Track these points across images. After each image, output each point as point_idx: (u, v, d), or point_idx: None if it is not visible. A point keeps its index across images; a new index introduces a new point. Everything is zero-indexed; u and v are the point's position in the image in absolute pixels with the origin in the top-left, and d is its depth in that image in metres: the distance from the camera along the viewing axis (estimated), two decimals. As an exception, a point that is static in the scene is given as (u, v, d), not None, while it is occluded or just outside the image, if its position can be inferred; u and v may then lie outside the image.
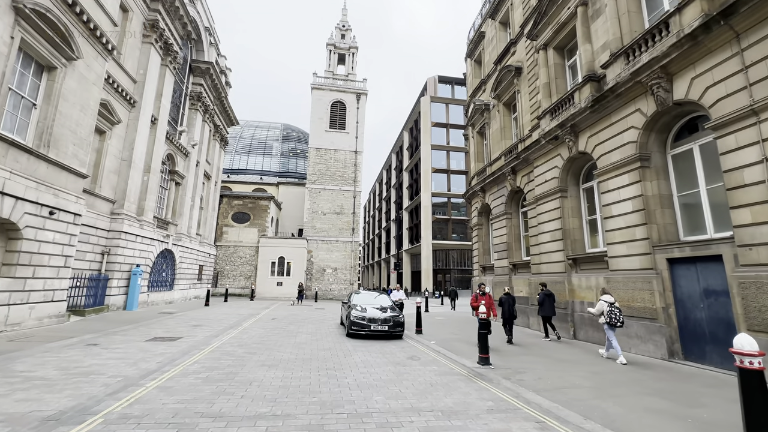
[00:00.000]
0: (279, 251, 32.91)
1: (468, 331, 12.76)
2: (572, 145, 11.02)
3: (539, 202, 12.70)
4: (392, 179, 66.89)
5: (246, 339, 9.72)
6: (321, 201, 36.74)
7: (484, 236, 18.42)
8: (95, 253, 14.65)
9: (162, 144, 19.37)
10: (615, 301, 7.94)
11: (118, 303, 15.70)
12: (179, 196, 22.98)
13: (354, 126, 38.90)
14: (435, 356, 8.32)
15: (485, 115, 18.01)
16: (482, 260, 18.14)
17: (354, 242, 36.71)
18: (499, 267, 15.85)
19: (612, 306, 7.66)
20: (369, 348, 9.07)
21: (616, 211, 9.26)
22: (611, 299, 7.86)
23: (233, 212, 34.11)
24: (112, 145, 15.55)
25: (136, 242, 16.87)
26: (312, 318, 16.15)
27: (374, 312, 10.95)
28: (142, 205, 17.85)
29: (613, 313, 7.58)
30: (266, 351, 8.17)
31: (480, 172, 18.46)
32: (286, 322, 14.27)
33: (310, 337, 10.51)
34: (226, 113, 31.09)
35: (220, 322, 13.40)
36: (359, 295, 12.94)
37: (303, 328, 12.42)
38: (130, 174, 16.37)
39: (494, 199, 16.63)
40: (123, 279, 15.98)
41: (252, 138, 53.13)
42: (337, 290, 35.34)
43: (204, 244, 27.86)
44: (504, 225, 15.61)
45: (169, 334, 10.07)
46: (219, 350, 8.04)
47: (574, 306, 10.82)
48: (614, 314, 7.57)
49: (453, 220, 49.69)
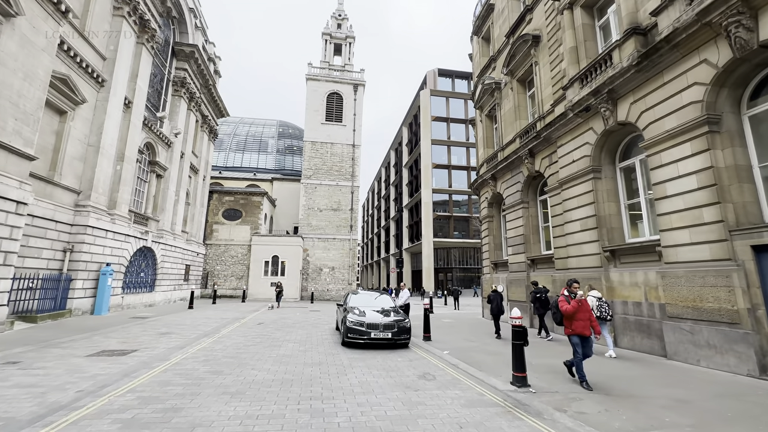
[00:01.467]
0: (273, 250, 31.08)
1: (483, 336, 10.97)
2: (609, 116, 9.25)
3: (565, 186, 10.93)
4: (391, 176, 65.09)
5: (218, 351, 7.91)
6: (317, 197, 34.92)
7: (496, 229, 16.64)
8: (55, 250, 12.79)
9: (138, 130, 17.52)
10: (602, 296, 8.37)
11: (84, 307, 13.84)
12: (161, 190, 21.12)
13: (351, 118, 37.09)
14: (453, 373, 6.52)
15: (495, 95, 16.23)
16: (494, 256, 16.35)
17: (352, 240, 34.91)
18: (515, 263, 14.07)
19: (600, 300, 7.98)
20: (369, 361, 7.27)
21: (674, 189, 7.49)
22: (598, 294, 8.23)
23: (224, 209, 32.25)
24: (75, 128, 13.70)
25: (106, 238, 15.01)
26: (304, 322, 14.34)
27: (375, 316, 9.15)
28: (114, 198, 15.99)
29: (602, 308, 7.88)
30: (237, 369, 6.35)
31: (490, 159, 16.68)
32: (274, 327, 12.46)
33: (298, 347, 8.70)
34: (215, 103, 29.24)
35: (196, 328, 11.58)
36: (357, 296, 11.14)
37: (291, 335, 10.61)
38: (99, 161, 14.51)
39: (508, 187, 14.86)
40: (90, 280, 14.12)
41: (247, 135, 51.26)
42: (334, 290, 33.52)
43: (191, 242, 26.00)
44: (520, 215, 13.83)
45: (123, 345, 8.24)
46: (175, 369, 6.22)
47: (614, 307, 9.05)
48: (603, 308, 7.87)
49: (455, 217, 47.95)
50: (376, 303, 10.72)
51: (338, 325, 11.10)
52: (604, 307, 7.91)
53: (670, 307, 7.44)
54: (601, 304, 7.95)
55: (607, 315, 7.86)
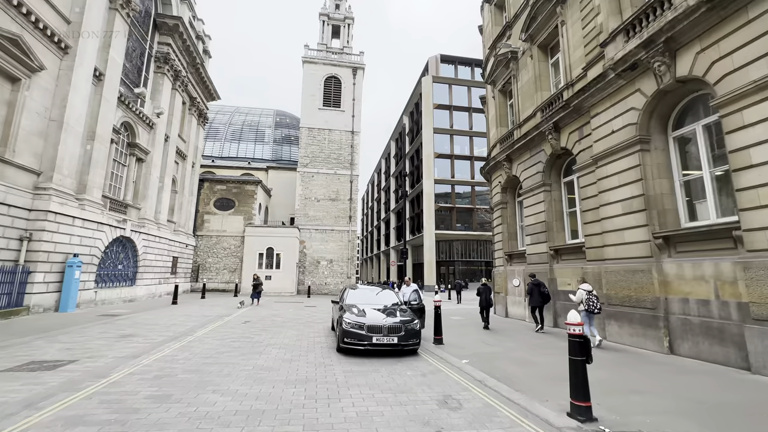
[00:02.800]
0: (267, 241, 29.40)
1: (502, 338, 9.37)
2: (664, 72, 7.53)
3: (602, 162, 9.24)
4: (391, 168, 63.28)
5: (179, 362, 6.27)
6: (314, 186, 33.16)
7: (510, 217, 14.97)
8: (7, 239, 11.11)
9: (112, 107, 15.72)
10: (593, 289, 8.40)
11: (47, 303, 12.21)
12: (142, 175, 19.38)
13: (350, 104, 35.18)
14: (483, 395, 4.91)
15: (511, 67, 14.45)
16: (508, 247, 14.71)
17: (351, 231, 33.24)
18: (534, 254, 12.44)
19: (590, 294, 8.12)
20: (371, 376, 5.66)
21: (764, 155, 5.81)
22: (589, 287, 8.30)
23: (216, 198, 30.50)
24: (32, 99, 11.93)
25: (73, 226, 13.33)
26: (296, 320, 12.73)
27: (376, 316, 7.52)
28: (84, 181, 14.27)
29: (591, 301, 8.01)
30: (192, 392, 4.72)
31: (504, 139, 14.95)
32: (261, 326, 10.84)
33: (283, 354, 7.08)
34: (204, 85, 27.36)
35: (168, 328, 9.95)
36: (356, 292, 9.50)
37: (278, 337, 8.98)
38: (62, 138, 12.76)
39: (526, 168, 13.16)
40: (54, 272, 12.47)
41: (243, 124, 49.39)
42: (332, 284, 31.95)
43: (179, 232, 24.35)
44: (540, 200, 12.16)
45: (64, 354, 6.60)
46: (106, 393, 4.59)
47: (669, 306, 7.42)
48: (592, 302, 8.00)
49: (457, 208, 46.31)
50: (377, 300, 9.08)
51: (334, 325, 9.50)
52: (593, 301, 8.04)
53: (757, 307, 5.81)
54: (590, 298, 8.08)
55: (595, 308, 7.98)
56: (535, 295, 10.33)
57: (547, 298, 10.33)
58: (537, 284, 10.39)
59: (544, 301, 10.30)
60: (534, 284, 10.41)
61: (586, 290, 8.20)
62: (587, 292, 8.15)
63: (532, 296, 10.40)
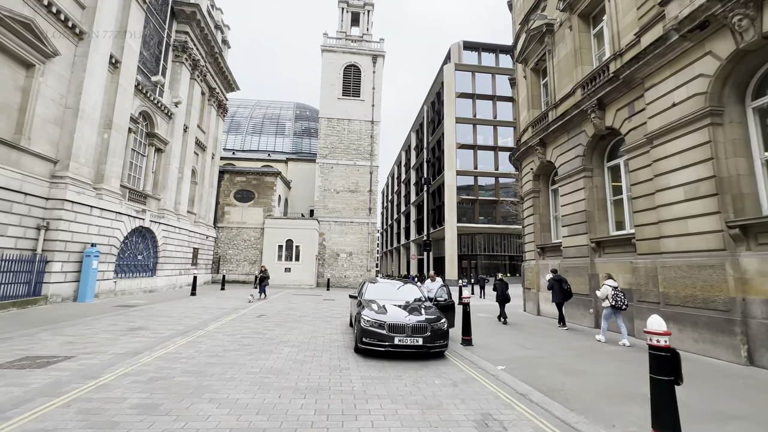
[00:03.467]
0: (287, 233, 29.13)
1: (538, 339, 8.38)
2: (747, 27, 6.23)
3: (659, 140, 8.00)
4: (412, 160, 62.03)
5: (181, 361, 5.69)
6: (333, 177, 32.58)
7: (543, 207, 13.76)
8: (25, 227, 10.99)
9: (129, 95, 15.49)
10: (618, 285, 8.18)
11: (65, 293, 12.11)
12: (162, 166, 19.27)
13: (370, 92, 34.24)
14: (530, 414, 4.02)
15: (546, 41, 13.13)
16: (541, 239, 13.53)
17: (371, 224, 32.54)
18: (572, 247, 11.27)
19: (616, 290, 7.92)
20: (393, 385, 4.87)
21: None
22: (615, 283, 8.10)
23: (236, 190, 30.46)
24: (47, 86, 11.71)
25: (91, 215, 13.18)
26: (314, 314, 12.12)
27: (398, 313, 6.72)
28: (101, 170, 14.11)
29: (618, 297, 7.85)
30: (186, 400, 4.06)
31: (537, 122, 13.69)
32: (275, 321, 10.27)
33: (296, 354, 6.40)
34: (223, 75, 27.12)
35: (179, 321, 9.52)
36: (375, 286, 8.72)
37: (292, 334, 8.34)
38: (78, 126, 12.55)
39: (562, 153, 11.93)
40: (71, 262, 12.35)
41: (263, 117, 49.55)
42: (352, 277, 31.44)
43: (199, 224, 24.34)
44: (580, 187, 10.95)
45: (63, 349, 6.16)
46: (87, 400, 3.99)
47: (748, 308, 6.23)
48: (619, 298, 7.85)
49: (480, 200, 44.77)
50: (399, 295, 8.28)
51: (352, 321, 8.80)
52: (620, 297, 7.88)
53: None
54: (617, 294, 7.91)
55: (622, 304, 7.83)
56: (556, 291, 9.98)
57: (568, 294, 9.96)
58: (558, 280, 10.04)
59: (565, 298, 9.97)
60: (555, 280, 10.07)
61: (612, 286, 8.01)
62: (613, 288, 7.97)
63: (554, 292, 10.05)
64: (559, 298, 9.99)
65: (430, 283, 9.77)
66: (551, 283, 10.17)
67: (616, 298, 7.86)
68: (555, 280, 10.11)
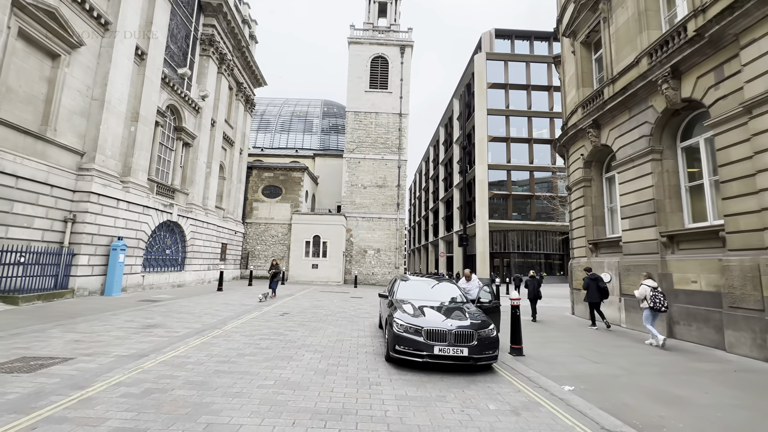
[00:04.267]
0: (314, 229, 28.70)
1: (598, 347, 7.03)
2: None
3: (761, 109, 6.41)
4: (440, 155, 60.31)
5: (187, 368, 4.94)
6: (361, 172, 31.81)
7: (595, 197, 12.17)
8: (52, 220, 10.87)
9: (156, 88, 15.32)
10: (657, 285, 7.79)
11: (92, 286, 11.98)
12: (190, 160, 19.18)
13: (398, 84, 33.14)
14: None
15: (600, 9, 11.52)
16: (593, 233, 11.98)
17: (399, 219, 31.52)
18: (635, 242, 9.72)
19: (655, 291, 7.58)
20: (436, 410, 3.84)
21: None
22: (654, 283, 7.72)
23: (263, 186, 30.40)
24: (73, 77, 11.56)
25: (118, 208, 13.04)
26: (340, 313, 11.28)
27: (437, 317, 5.67)
28: (128, 163, 13.98)
29: (657, 298, 7.48)
30: (178, 424, 3.24)
31: (589, 101, 12.10)
32: (299, 320, 9.50)
33: (317, 362, 5.51)
34: (250, 70, 26.98)
35: (199, 318, 8.95)
36: (408, 284, 7.70)
37: (316, 336, 7.49)
38: (104, 118, 12.38)
39: (622, 134, 10.36)
40: (98, 255, 12.22)
41: (292, 115, 49.78)
42: (380, 274, 30.60)
43: (228, 219, 24.31)
44: (647, 172, 9.37)
45: (69, 348, 5.61)
46: (55, 421, 3.26)
47: None
48: (658, 299, 7.47)
49: (514, 196, 42.62)
50: (435, 295, 7.21)
51: (381, 322, 7.85)
52: (659, 298, 7.51)
53: None
54: (656, 294, 7.54)
55: (661, 306, 7.44)
56: (592, 290, 9.72)
57: (605, 293, 9.70)
58: (594, 278, 9.82)
59: (602, 297, 9.68)
60: (591, 278, 9.86)
61: (651, 286, 7.67)
62: (652, 289, 7.62)
63: (589, 291, 9.79)
64: (595, 297, 9.68)
65: (465, 282, 8.60)
66: (586, 282, 9.90)
67: (655, 300, 7.48)
68: (590, 278, 9.86)
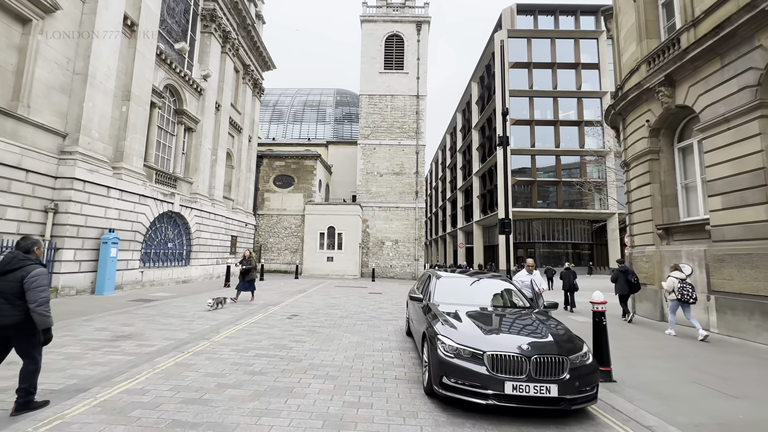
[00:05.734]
0: (328, 220, 27.15)
1: (705, 363, 5.05)
2: None
3: None
4: (458, 143, 57.75)
5: (139, 409, 3.34)
6: (376, 159, 29.96)
7: (666, 172, 9.99)
8: (29, 210, 9.52)
9: (150, 64, 13.80)
10: (687, 276, 7.69)
11: (80, 284, 10.67)
12: (193, 146, 17.76)
13: (414, 64, 30.92)
14: None
15: (675, -64, 9.20)
16: (662, 216, 9.84)
17: (418, 209, 29.62)
18: (732, 225, 7.60)
19: (684, 282, 7.48)
20: None
21: None
22: (682, 275, 7.65)
23: (275, 175, 28.96)
24: (49, 47, 10.08)
25: (108, 197, 11.66)
26: (359, 313, 9.59)
27: (502, 334, 3.86)
28: (120, 147, 12.57)
29: (686, 290, 7.40)
30: None
31: (657, 54, 9.84)
32: (309, 325, 7.84)
33: (327, 400, 3.80)
34: (257, 51, 25.33)
35: (189, 324, 7.40)
36: (448, 282, 5.83)
37: (327, 351, 5.79)
38: (88, 95, 10.92)
39: (709, 89, 8.16)
40: (86, 249, 10.88)
41: (304, 104, 48.34)
42: (398, 267, 28.90)
43: (237, 210, 22.96)
44: (754, 132, 7.20)
45: None
46: None
47: None
48: (687, 291, 7.39)
49: (538, 182, 40.05)
50: (487, 295, 5.37)
51: (410, 327, 6.12)
52: (688, 290, 7.39)
53: None
54: (684, 286, 7.43)
55: (689, 298, 7.34)
56: (621, 282, 9.60)
57: (635, 287, 9.54)
58: (624, 271, 9.66)
59: (631, 290, 9.61)
60: (620, 271, 9.72)
61: (679, 278, 7.60)
62: (680, 280, 7.55)
63: (618, 284, 9.68)
64: (625, 290, 9.58)
65: (525, 275, 6.69)
66: (615, 275, 9.82)
67: (683, 291, 7.40)
68: (620, 271, 9.74)
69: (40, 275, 3.25)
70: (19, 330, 3.19)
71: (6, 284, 3.16)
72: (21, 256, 3.30)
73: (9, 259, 3.25)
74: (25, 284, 3.15)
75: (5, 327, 3.15)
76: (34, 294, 3.14)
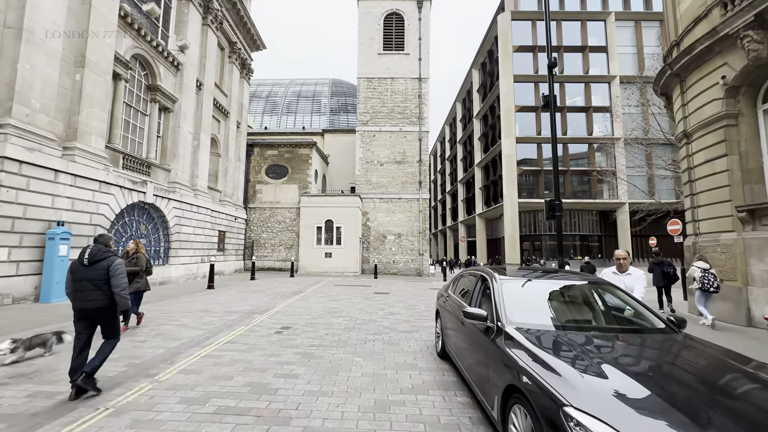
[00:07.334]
0: (326, 213, 25.05)
1: None
2: None
3: None
4: (458, 133, 55.65)
5: None
6: (376, 147, 27.82)
7: (747, 141, 8.02)
8: (-61, 197, 7.37)
9: (111, 26, 11.56)
10: (710, 267, 7.78)
11: (18, 290, 8.53)
12: (171, 128, 15.54)
13: (415, 44, 28.70)
14: None
15: None
16: (743, 196, 7.88)
17: (422, 199, 27.57)
18: None
19: (706, 272, 7.58)
20: None
21: None
22: (706, 265, 7.74)
23: (267, 165, 26.75)
24: (-34, -12, 7.88)
25: (56, 183, 9.50)
26: (368, 323, 7.56)
27: (676, 408, 1.87)
28: (73, 123, 10.37)
29: (706, 279, 7.50)
30: None
31: (737, -7, 7.80)
32: (304, 344, 5.80)
33: None
34: (245, 28, 23.00)
35: (137, 348, 5.34)
36: (520, 289, 3.65)
37: (329, 397, 3.76)
38: (24, 54, 8.72)
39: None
40: (25, 247, 8.73)
41: (299, 95, 46.05)
42: (402, 262, 26.90)
43: (225, 203, 20.80)
44: None
45: None
46: None
47: None
48: (707, 280, 7.49)
49: (546, 171, 38.05)
50: (594, 310, 3.35)
51: (438, 346, 4.12)
52: (709, 279, 7.49)
53: None
54: (706, 276, 7.56)
55: (710, 287, 7.47)
56: (657, 274, 9.54)
57: (672, 278, 9.54)
58: (659, 263, 9.67)
59: (669, 282, 9.54)
60: (656, 263, 9.73)
61: (702, 268, 7.64)
62: (702, 270, 7.60)
63: (654, 276, 9.57)
64: (660, 282, 9.52)
65: (619, 274, 4.50)
66: (651, 266, 9.78)
67: (703, 281, 7.48)
68: (655, 263, 9.72)
69: (121, 264, 3.76)
70: (105, 312, 3.68)
71: (95, 272, 3.62)
72: (104, 249, 3.76)
73: (96, 251, 3.71)
74: (110, 272, 3.64)
75: (97, 310, 3.63)
76: (117, 279, 3.65)
